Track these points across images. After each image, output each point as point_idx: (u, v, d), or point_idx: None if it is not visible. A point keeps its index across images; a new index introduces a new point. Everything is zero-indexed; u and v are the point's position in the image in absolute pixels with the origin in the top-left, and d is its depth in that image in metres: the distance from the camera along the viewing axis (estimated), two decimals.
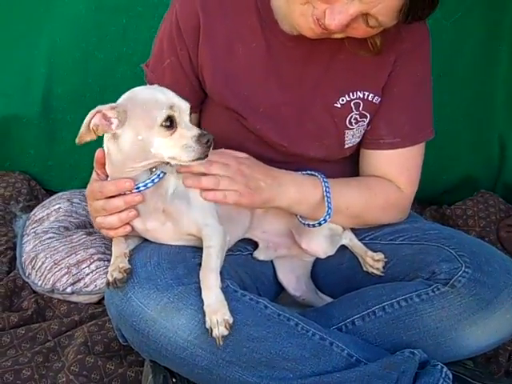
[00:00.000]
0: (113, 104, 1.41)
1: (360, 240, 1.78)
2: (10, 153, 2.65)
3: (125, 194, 1.47)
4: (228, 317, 1.41)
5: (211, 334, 1.41)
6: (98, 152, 1.50)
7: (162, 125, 1.38)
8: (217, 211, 1.55)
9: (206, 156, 1.39)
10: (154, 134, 1.38)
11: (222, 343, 1.41)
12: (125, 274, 1.46)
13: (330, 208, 1.64)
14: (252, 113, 1.68)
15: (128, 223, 1.52)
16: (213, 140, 1.39)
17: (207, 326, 1.41)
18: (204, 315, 1.42)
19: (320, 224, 1.66)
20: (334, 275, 1.81)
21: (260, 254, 1.76)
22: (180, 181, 1.50)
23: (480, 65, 2.56)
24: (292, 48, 1.65)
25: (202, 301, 1.43)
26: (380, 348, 1.59)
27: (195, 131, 1.39)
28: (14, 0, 2.46)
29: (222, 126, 1.72)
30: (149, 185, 1.47)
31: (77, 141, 1.42)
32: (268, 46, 1.66)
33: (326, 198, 1.65)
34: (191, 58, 1.68)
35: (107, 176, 1.51)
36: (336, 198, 1.67)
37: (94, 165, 1.53)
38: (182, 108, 1.41)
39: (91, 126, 1.39)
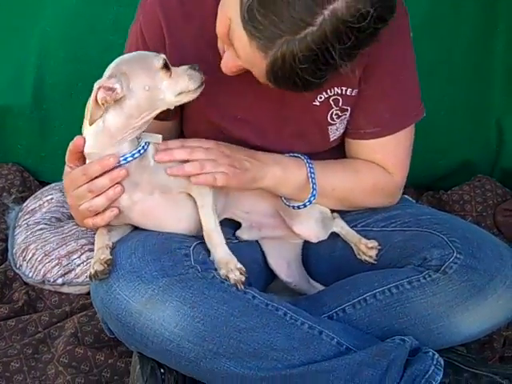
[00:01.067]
0: (106, 74, 1.45)
1: (352, 227, 1.75)
2: (2, 144, 2.64)
3: (107, 172, 1.45)
4: (240, 265, 1.48)
5: (230, 281, 1.47)
6: (78, 140, 1.47)
7: (162, 68, 1.46)
8: None
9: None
10: (158, 79, 1.46)
11: (243, 287, 1.47)
12: (106, 266, 1.44)
13: (314, 189, 1.63)
14: (229, 121, 1.65)
15: (116, 206, 1.49)
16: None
17: (223, 275, 1.47)
18: (190, 307, 1.41)
19: (305, 205, 1.64)
20: (326, 263, 1.79)
21: (243, 233, 1.74)
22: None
23: (476, 50, 2.53)
24: None
25: (187, 292, 1.42)
26: (371, 336, 1.57)
27: (185, 66, 1.49)
28: None
29: (204, 134, 1.66)
30: (136, 155, 1.46)
31: (89, 122, 1.44)
32: None
33: (310, 179, 1.63)
34: None
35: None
36: (321, 179, 1.64)
37: (68, 157, 1.50)
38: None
39: (100, 101, 1.41)
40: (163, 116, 1.54)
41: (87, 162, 1.48)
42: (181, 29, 1.61)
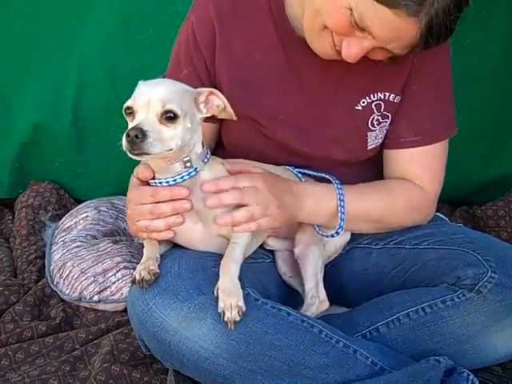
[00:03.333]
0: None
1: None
2: (40, 162, 2.69)
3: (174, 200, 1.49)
4: (242, 304, 1.42)
5: (223, 318, 1.41)
6: (147, 173, 1.50)
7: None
8: None
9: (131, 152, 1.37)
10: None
11: (233, 327, 1.41)
12: (153, 278, 1.47)
13: (342, 220, 1.64)
14: (271, 121, 1.68)
15: (171, 228, 1.52)
16: (135, 136, 1.34)
17: (219, 309, 1.41)
18: (224, 325, 1.42)
19: (336, 234, 1.66)
20: (358, 280, 1.79)
21: (272, 241, 1.74)
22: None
23: (508, 62, 2.52)
24: (310, 54, 1.63)
25: None
26: (405, 355, 1.57)
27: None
28: (49, 14, 2.52)
29: (243, 134, 1.72)
30: (185, 177, 1.48)
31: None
32: (286, 54, 1.66)
33: (339, 208, 1.63)
34: (208, 67, 1.68)
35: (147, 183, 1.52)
36: (354, 205, 1.65)
37: (138, 178, 1.53)
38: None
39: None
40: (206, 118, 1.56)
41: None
42: (231, 30, 1.66)
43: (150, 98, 1.39)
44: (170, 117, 1.39)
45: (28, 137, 2.62)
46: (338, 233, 1.65)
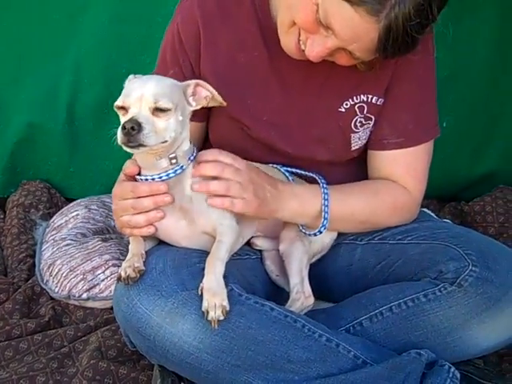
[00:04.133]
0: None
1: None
2: (33, 161, 2.71)
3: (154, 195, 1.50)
4: (226, 303, 1.43)
5: (207, 316, 1.42)
6: (133, 169, 1.52)
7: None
8: None
9: (127, 144, 1.39)
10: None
11: (216, 327, 1.42)
12: (138, 275, 1.49)
13: (326, 219, 1.65)
14: (255, 121, 1.70)
15: (153, 224, 1.54)
16: (131, 128, 1.37)
17: (203, 308, 1.42)
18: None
19: (319, 233, 1.67)
20: (343, 276, 1.80)
21: (258, 240, 1.76)
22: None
23: (495, 59, 2.55)
24: None
25: None
26: (387, 349, 1.58)
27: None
28: (43, 13, 2.53)
29: (229, 134, 1.74)
30: (171, 175, 1.50)
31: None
32: (270, 54, 1.67)
33: (323, 207, 1.65)
34: (193, 68, 1.70)
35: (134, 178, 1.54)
36: (340, 205, 1.67)
37: (125, 173, 1.55)
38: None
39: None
40: (191, 117, 1.58)
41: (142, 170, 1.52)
42: (216, 30, 1.67)
43: (142, 94, 1.42)
44: (162, 109, 1.42)
45: (21, 136, 2.64)
46: (320, 232, 1.67)
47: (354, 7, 1.39)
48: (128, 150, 1.42)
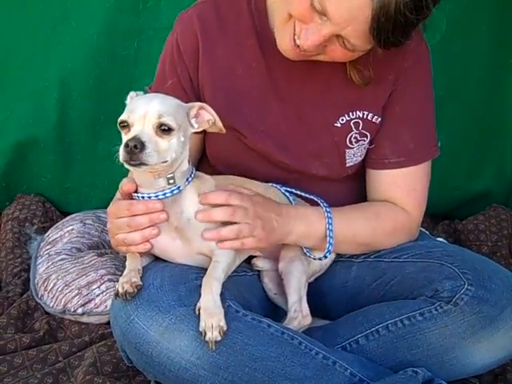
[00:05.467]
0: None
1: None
2: (26, 177, 2.69)
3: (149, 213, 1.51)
4: (223, 323, 1.43)
5: (204, 337, 1.42)
6: (130, 186, 1.53)
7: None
8: None
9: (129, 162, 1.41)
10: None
11: (214, 348, 1.42)
12: (135, 290, 1.49)
13: (331, 244, 1.67)
14: (253, 132, 1.71)
15: (149, 241, 1.55)
16: (134, 147, 1.38)
17: (201, 328, 1.43)
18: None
19: (324, 258, 1.69)
20: (339, 293, 1.81)
21: (259, 261, 1.76)
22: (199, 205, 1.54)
23: (490, 78, 2.57)
24: (291, 67, 1.67)
25: None
26: (384, 367, 1.59)
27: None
28: (21, 23, 2.49)
29: (226, 145, 1.75)
30: (167, 194, 1.51)
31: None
32: (267, 66, 1.70)
33: (327, 232, 1.67)
34: (192, 78, 1.72)
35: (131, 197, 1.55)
36: (342, 228, 1.68)
37: (122, 191, 1.55)
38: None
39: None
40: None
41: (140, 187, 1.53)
42: (215, 41, 1.70)
43: (146, 112, 1.43)
44: (165, 129, 1.43)
45: (11, 156, 2.61)
46: (325, 256, 1.68)
47: None
48: (130, 168, 1.43)
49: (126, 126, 1.45)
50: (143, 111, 1.43)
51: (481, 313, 1.55)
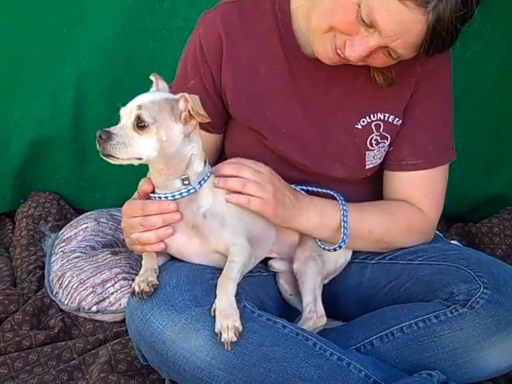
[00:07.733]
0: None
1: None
2: (41, 175, 2.70)
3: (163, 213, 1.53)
4: (239, 324, 1.44)
5: (220, 338, 1.43)
6: (147, 186, 1.55)
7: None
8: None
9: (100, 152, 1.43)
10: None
11: (230, 348, 1.43)
12: (152, 289, 1.50)
13: (345, 234, 1.66)
14: (274, 133, 1.71)
15: (163, 240, 1.56)
16: (99, 137, 1.42)
17: (216, 330, 1.43)
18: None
19: (338, 248, 1.68)
20: (353, 294, 1.82)
21: (275, 263, 1.77)
22: (216, 200, 1.55)
23: (505, 81, 2.56)
24: (313, 70, 1.68)
25: None
26: (398, 369, 1.59)
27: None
28: (36, 22, 2.50)
29: (245, 146, 1.76)
30: (184, 194, 1.52)
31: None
32: (290, 68, 1.70)
33: (342, 223, 1.66)
34: (214, 79, 1.72)
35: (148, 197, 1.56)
36: (358, 223, 1.69)
37: (140, 191, 1.58)
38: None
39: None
40: (209, 128, 1.62)
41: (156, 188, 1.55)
42: (238, 43, 1.70)
43: (131, 107, 1.46)
44: (142, 125, 1.43)
45: (27, 154, 2.62)
46: (340, 246, 1.67)
47: (401, 0, 1.41)
48: (104, 158, 1.45)
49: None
50: (129, 106, 1.46)
51: (496, 316, 1.55)
